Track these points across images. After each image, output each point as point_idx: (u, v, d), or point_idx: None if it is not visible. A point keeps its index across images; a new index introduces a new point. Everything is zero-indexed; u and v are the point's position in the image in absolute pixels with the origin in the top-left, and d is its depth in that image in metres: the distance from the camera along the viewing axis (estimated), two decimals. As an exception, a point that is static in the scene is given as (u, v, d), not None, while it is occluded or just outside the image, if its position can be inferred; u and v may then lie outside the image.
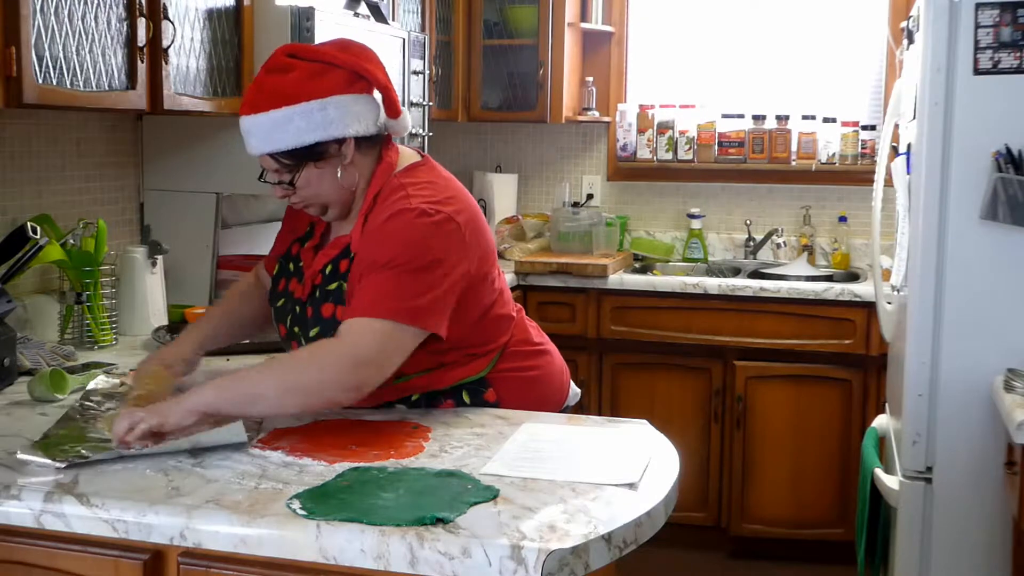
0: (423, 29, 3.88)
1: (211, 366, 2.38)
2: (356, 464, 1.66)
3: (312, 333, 1.97)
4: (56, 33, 2.15)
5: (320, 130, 1.88)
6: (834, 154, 4.22)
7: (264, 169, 1.97)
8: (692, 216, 4.41)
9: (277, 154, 1.90)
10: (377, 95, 1.96)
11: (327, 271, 1.98)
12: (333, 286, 1.96)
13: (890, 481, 2.79)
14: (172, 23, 2.49)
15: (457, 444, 1.77)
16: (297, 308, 2.02)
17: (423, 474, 1.62)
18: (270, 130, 1.87)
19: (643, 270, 4.22)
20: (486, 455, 1.72)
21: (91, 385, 2.10)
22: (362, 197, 1.98)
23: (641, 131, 4.43)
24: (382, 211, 1.91)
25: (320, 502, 1.49)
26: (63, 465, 1.63)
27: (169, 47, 2.48)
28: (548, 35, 4.24)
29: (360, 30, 3.17)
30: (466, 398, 2.04)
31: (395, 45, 3.35)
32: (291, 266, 2.09)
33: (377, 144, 1.98)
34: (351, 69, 1.91)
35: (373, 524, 1.41)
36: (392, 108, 1.97)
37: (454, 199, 1.96)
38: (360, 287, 1.86)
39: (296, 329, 2.02)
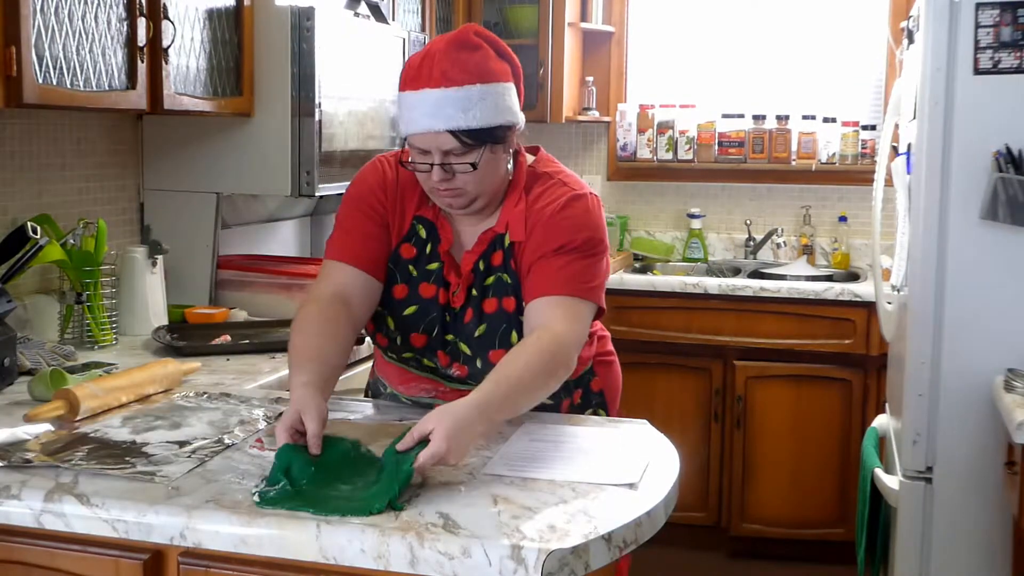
0: (423, 29, 3.88)
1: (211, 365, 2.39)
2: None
3: (478, 333, 1.92)
4: (56, 33, 2.15)
5: (507, 113, 1.85)
6: (834, 154, 4.22)
7: (413, 150, 1.86)
8: (692, 216, 4.41)
9: (464, 132, 1.81)
10: None
11: (480, 267, 1.94)
12: (490, 280, 1.93)
13: (890, 481, 2.79)
14: (172, 23, 2.49)
15: (457, 444, 1.77)
16: (447, 315, 1.94)
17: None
18: (466, 105, 1.80)
19: (643, 270, 4.22)
20: (486, 455, 1.71)
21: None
22: (504, 187, 1.95)
23: (641, 131, 4.43)
24: (547, 199, 1.94)
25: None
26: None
27: (169, 47, 2.48)
28: (548, 35, 4.24)
29: (360, 30, 3.17)
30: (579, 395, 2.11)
31: (395, 45, 3.35)
32: (413, 270, 1.97)
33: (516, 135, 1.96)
34: (512, 63, 1.91)
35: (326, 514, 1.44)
36: (520, 106, 1.94)
37: (584, 182, 2.05)
38: (551, 265, 1.88)
39: (449, 336, 1.94)
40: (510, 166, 1.94)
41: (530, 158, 2.03)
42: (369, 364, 2.32)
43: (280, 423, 1.64)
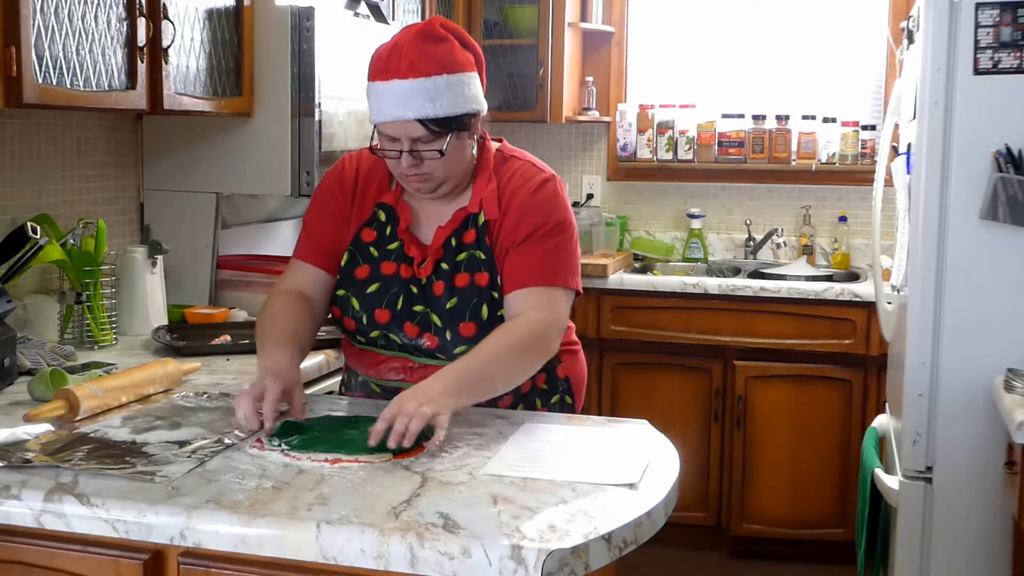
0: (423, 29, 3.88)
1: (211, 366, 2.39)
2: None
3: (449, 305, 1.99)
4: (56, 33, 2.15)
5: (472, 102, 1.95)
6: (834, 154, 4.23)
7: (383, 138, 1.95)
8: (692, 216, 4.41)
9: (432, 120, 1.90)
10: None
11: (452, 244, 2.01)
12: (462, 256, 2.00)
13: (890, 481, 2.79)
14: (172, 23, 2.49)
15: (457, 444, 1.77)
16: (413, 288, 2.01)
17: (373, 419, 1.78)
18: (432, 95, 1.89)
19: (643, 270, 4.22)
20: (486, 455, 1.72)
21: None
22: (470, 172, 2.04)
23: (641, 131, 4.43)
24: (519, 179, 2.03)
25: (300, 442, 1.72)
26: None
27: (169, 47, 2.48)
28: (548, 35, 4.24)
29: (360, 30, 3.17)
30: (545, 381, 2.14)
31: (395, 45, 3.35)
32: (373, 251, 2.05)
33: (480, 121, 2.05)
34: (475, 52, 1.99)
35: (351, 454, 1.66)
36: (484, 90, 2.04)
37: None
38: (528, 254, 1.98)
39: (418, 307, 2.00)
40: (474, 151, 2.03)
41: (495, 144, 2.12)
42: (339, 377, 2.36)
43: (247, 391, 1.80)
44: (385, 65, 1.92)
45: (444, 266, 2.01)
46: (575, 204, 4.45)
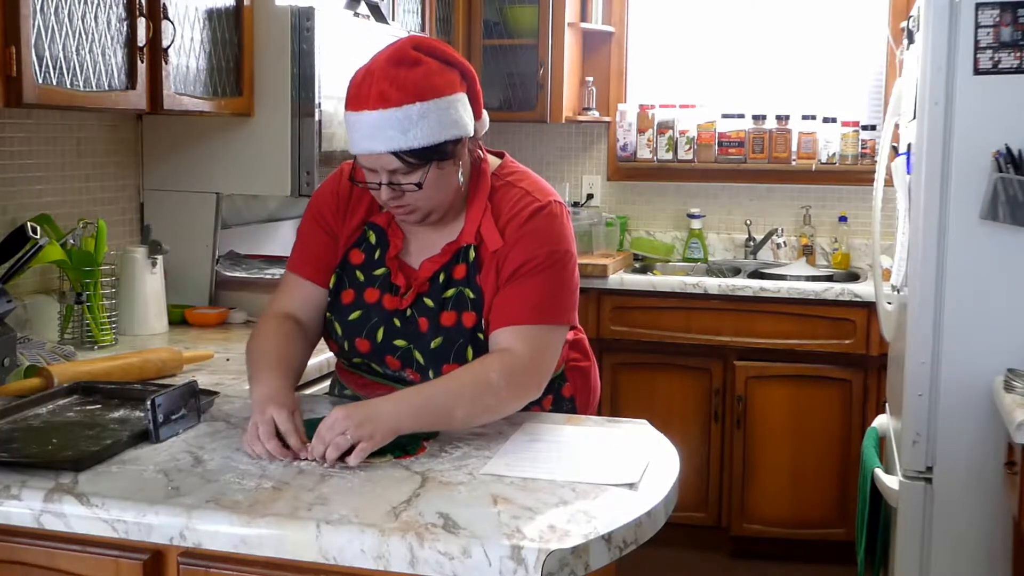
0: (423, 29, 3.88)
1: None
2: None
3: (434, 345, 1.89)
4: (56, 33, 2.15)
5: (452, 128, 1.80)
6: (834, 154, 4.23)
7: (362, 170, 1.85)
8: (692, 216, 4.41)
9: (406, 152, 1.78)
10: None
11: (440, 279, 1.91)
12: (450, 293, 1.90)
13: (890, 481, 2.79)
14: (172, 23, 2.49)
15: (457, 444, 1.77)
16: (396, 320, 1.92)
17: None
18: (405, 126, 1.76)
19: (643, 270, 4.23)
20: (486, 455, 1.71)
21: None
22: (463, 199, 1.92)
23: (641, 131, 4.43)
24: (509, 212, 1.90)
25: None
26: None
27: (169, 47, 2.48)
28: (548, 35, 4.25)
29: (360, 30, 3.17)
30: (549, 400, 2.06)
31: (395, 45, 3.35)
32: (360, 275, 1.96)
33: (467, 145, 1.91)
34: (461, 67, 1.86)
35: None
36: (479, 108, 1.91)
37: (550, 188, 1.99)
38: (516, 290, 1.86)
39: (400, 342, 1.92)
40: (461, 177, 1.89)
41: (495, 161, 1.99)
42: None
43: (256, 432, 1.69)
44: (356, 93, 1.79)
45: (428, 302, 1.90)
46: (575, 204, 4.45)
